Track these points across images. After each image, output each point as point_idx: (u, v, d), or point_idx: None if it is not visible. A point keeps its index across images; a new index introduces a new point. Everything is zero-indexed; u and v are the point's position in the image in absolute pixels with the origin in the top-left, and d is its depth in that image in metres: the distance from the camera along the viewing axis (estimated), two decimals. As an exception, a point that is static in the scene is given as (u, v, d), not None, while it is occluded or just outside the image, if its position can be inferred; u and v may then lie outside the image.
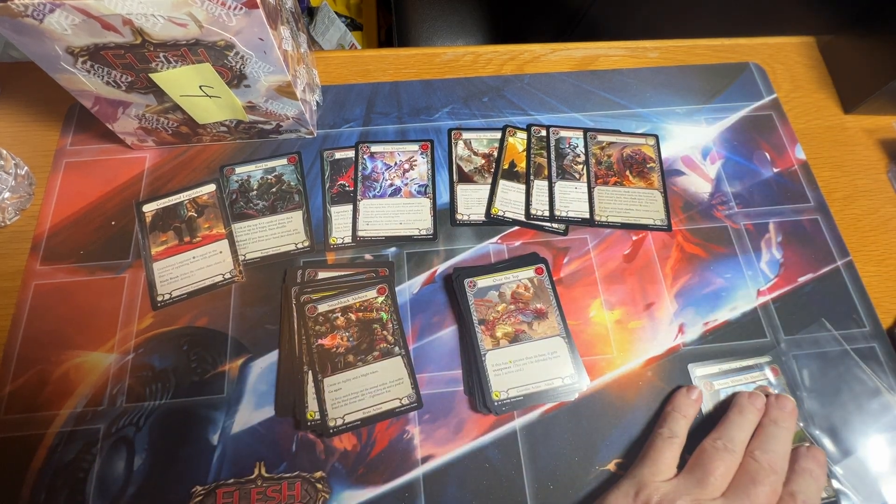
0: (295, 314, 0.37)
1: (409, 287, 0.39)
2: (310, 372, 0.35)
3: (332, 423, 0.34)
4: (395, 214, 0.41)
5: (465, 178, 0.43)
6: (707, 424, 0.35)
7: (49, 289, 0.38)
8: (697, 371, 0.37)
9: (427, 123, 0.45)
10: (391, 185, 0.42)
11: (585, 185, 0.43)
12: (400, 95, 0.47)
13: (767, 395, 0.35)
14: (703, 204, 0.43)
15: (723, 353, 0.37)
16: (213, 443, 0.34)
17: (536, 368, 0.36)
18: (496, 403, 0.35)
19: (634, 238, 0.41)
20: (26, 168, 0.41)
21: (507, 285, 0.38)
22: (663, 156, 0.44)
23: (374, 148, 0.44)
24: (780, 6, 0.67)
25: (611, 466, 0.34)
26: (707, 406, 0.36)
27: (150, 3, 0.28)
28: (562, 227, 0.41)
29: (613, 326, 0.38)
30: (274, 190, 0.42)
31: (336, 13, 1.14)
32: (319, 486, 0.33)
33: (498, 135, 0.45)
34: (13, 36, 0.30)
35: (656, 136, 0.45)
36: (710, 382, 0.36)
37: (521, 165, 0.44)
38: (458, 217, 0.41)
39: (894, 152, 0.46)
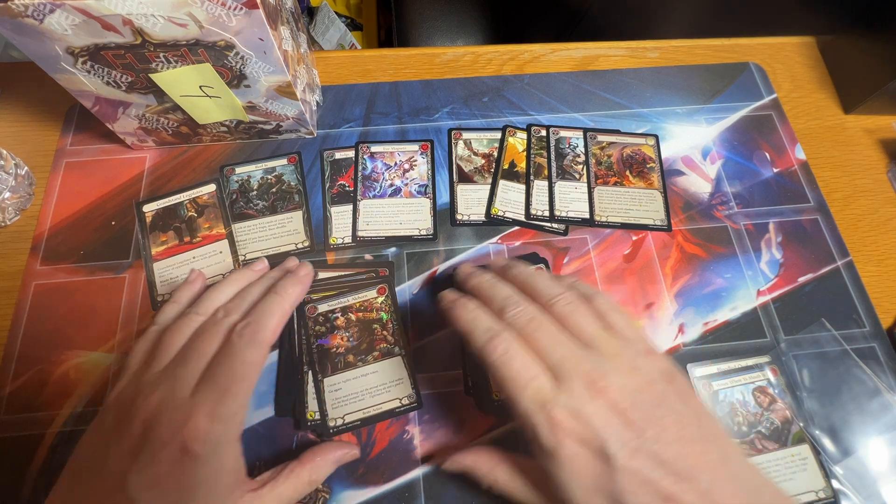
0: (295, 314, 0.37)
1: (409, 287, 0.39)
2: (310, 372, 0.35)
3: (332, 423, 0.34)
4: (395, 214, 0.41)
5: (465, 178, 0.43)
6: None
7: (49, 289, 0.38)
8: (697, 371, 0.37)
9: (427, 123, 0.45)
10: (391, 185, 0.42)
11: (585, 185, 0.43)
12: (400, 95, 0.47)
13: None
14: (703, 204, 0.43)
15: (723, 353, 0.37)
16: (213, 443, 0.34)
17: (536, 368, 0.36)
18: (496, 403, 0.35)
19: (634, 238, 0.41)
20: (26, 168, 0.41)
21: (507, 285, 0.38)
22: (663, 156, 0.44)
23: (374, 148, 0.44)
24: (780, 6, 0.67)
25: (611, 466, 0.34)
26: (706, 406, 0.36)
27: (150, 3, 0.28)
28: (562, 227, 0.41)
29: (613, 326, 0.38)
30: (274, 190, 0.42)
31: (336, 13, 1.14)
32: (319, 486, 0.33)
33: (498, 135, 0.45)
34: (13, 36, 0.30)
35: (656, 136, 0.45)
36: (710, 383, 0.36)
37: (521, 165, 0.44)
38: (458, 217, 0.41)
39: (894, 152, 0.46)
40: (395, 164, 0.43)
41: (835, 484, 0.34)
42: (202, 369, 0.27)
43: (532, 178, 0.43)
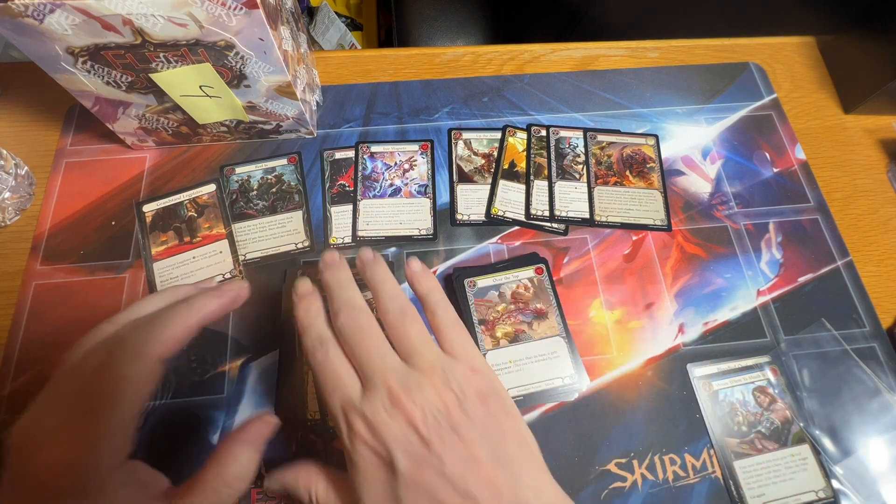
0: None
1: (409, 287, 0.39)
2: (310, 372, 0.35)
3: (332, 424, 0.34)
4: (395, 214, 0.41)
5: (465, 178, 0.43)
6: (700, 424, 0.35)
7: (49, 289, 0.38)
8: (697, 371, 0.37)
9: (427, 123, 0.45)
10: (391, 185, 0.42)
11: (585, 185, 0.43)
12: (400, 95, 0.47)
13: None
14: (703, 204, 0.43)
15: (723, 353, 0.37)
16: (213, 443, 0.34)
17: (536, 368, 0.36)
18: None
19: (634, 238, 0.41)
20: (26, 168, 0.41)
21: (507, 285, 0.38)
22: (663, 156, 0.44)
23: (374, 148, 0.44)
24: (780, 6, 0.67)
25: (611, 466, 0.34)
26: (707, 407, 0.36)
27: (150, 3, 0.28)
28: (562, 227, 0.41)
29: (613, 326, 0.38)
30: (274, 190, 0.42)
31: (336, 13, 1.14)
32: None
33: (498, 135, 0.45)
34: (13, 36, 0.30)
35: (656, 136, 0.45)
36: (710, 383, 0.36)
37: (521, 165, 0.44)
38: (458, 217, 0.41)
39: (894, 152, 0.46)
40: (395, 164, 0.43)
41: (835, 484, 0.34)
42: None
43: (532, 178, 0.43)
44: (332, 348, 0.27)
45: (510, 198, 0.42)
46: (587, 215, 0.41)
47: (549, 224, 0.41)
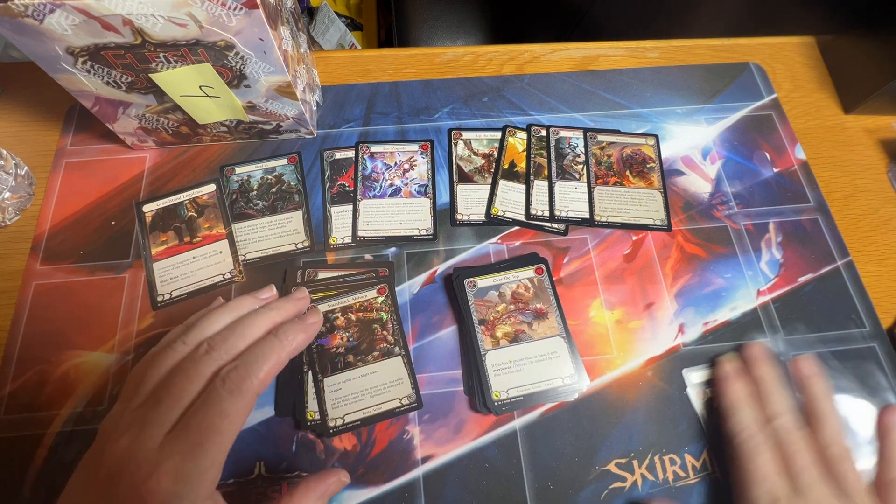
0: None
1: (409, 287, 0.39)
2: (310, 372, 0.35)
3: (332, 423, 0.34)
4: (395, 214, 0.41)
5: (465, 178, 0.43)
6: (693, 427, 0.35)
7: (49, 289, 0.38)
8: (693, 376, 0.37)
9: (427, 123, 0.45)
10: (391, 185, 0.42)
11: (585, 185, 0.43)
12: (400, 95, 0.47)
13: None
14: (703, 204, 0.43)
15: (723, 353, 0.37)
16: (213, 443, 0.34)
17: (536, 368, 0.36)
18: (496, 403, 0.35)
19: (634, 238, 0.41)
20: (26, 168, 0.41)
21: (507, 285, 0.38)
22: (663, 156, 0.44)
23: (374, 148, 0.44)
24: (780, 6, 0.67)
25: (611, 466, 0.34)
26: (703, 408, 0.36)
27: (150, 3, 0.28)
28: (562, 227, 0.41)
29: (613, 326, 0.38)
30: (274, 190, 0.42)
31: (336, 13, 1.14)
32: None
33: (498, 135, 0.45)
34: (13, 36, 0.30)
35: (656, 136, 0.45)
36: (705, 390, 0.36)
37: (521, 165, 0.44)
38: (458, 217, 0.41)
39: (894, 152, 0.46)
40: (395, 164, 0.43)
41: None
42: (177, 414, 0.25)
43: (532, 178, 0.43)
44: (768, 441, 0.31)
45: (510, 198, 0.42)
46: (587, 215, 0.41)
47: (549, 224, 0.41)
